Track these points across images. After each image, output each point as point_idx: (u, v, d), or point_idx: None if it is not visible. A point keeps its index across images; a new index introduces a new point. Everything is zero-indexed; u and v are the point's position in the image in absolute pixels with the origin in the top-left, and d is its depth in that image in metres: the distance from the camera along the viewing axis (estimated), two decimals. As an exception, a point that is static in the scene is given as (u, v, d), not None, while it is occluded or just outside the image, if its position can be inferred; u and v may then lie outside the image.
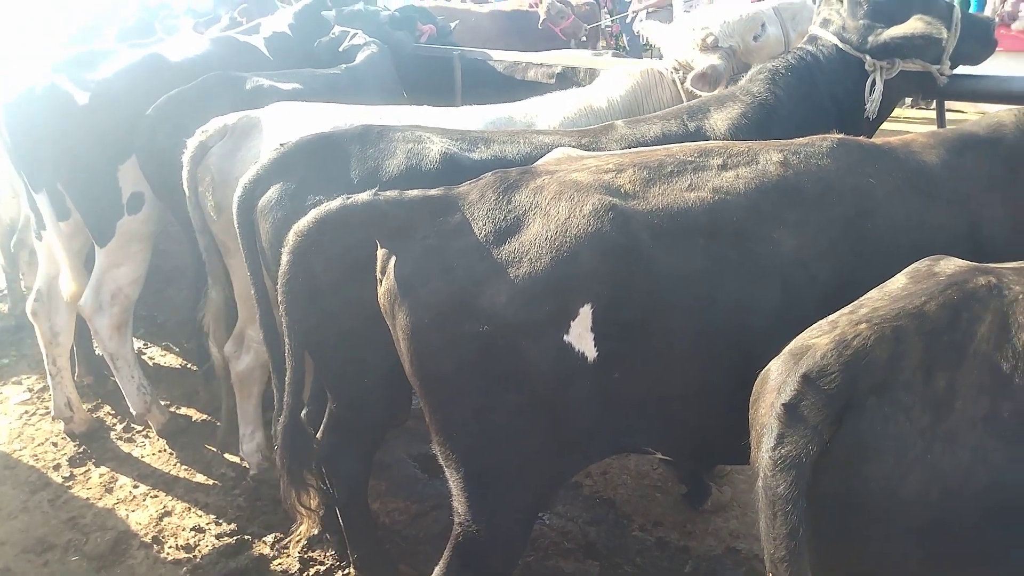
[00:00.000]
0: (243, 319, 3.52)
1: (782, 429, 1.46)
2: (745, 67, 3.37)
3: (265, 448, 3.74)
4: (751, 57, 3.40)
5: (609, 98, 3.42)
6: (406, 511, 3.54)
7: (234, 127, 3.21)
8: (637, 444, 2.26)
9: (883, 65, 3.07)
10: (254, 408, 3.73)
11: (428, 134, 2.76)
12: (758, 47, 3.41)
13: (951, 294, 1.54)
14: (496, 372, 2.01)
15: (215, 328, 3.59)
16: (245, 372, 3.60)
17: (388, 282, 2.08)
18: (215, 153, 3.17)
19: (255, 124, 3.22)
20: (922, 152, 2.33)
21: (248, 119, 3.23)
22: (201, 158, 3.18)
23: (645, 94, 3.45)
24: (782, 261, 2.07)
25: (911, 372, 1.45)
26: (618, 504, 3.51)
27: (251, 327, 3.45)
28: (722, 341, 2.05)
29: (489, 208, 2.10)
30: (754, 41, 3.41)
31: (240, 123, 3.22)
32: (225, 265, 3.39)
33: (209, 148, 3.18)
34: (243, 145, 3.17)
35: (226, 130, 3.20)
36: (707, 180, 2.15)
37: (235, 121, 3.22)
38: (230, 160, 3.15)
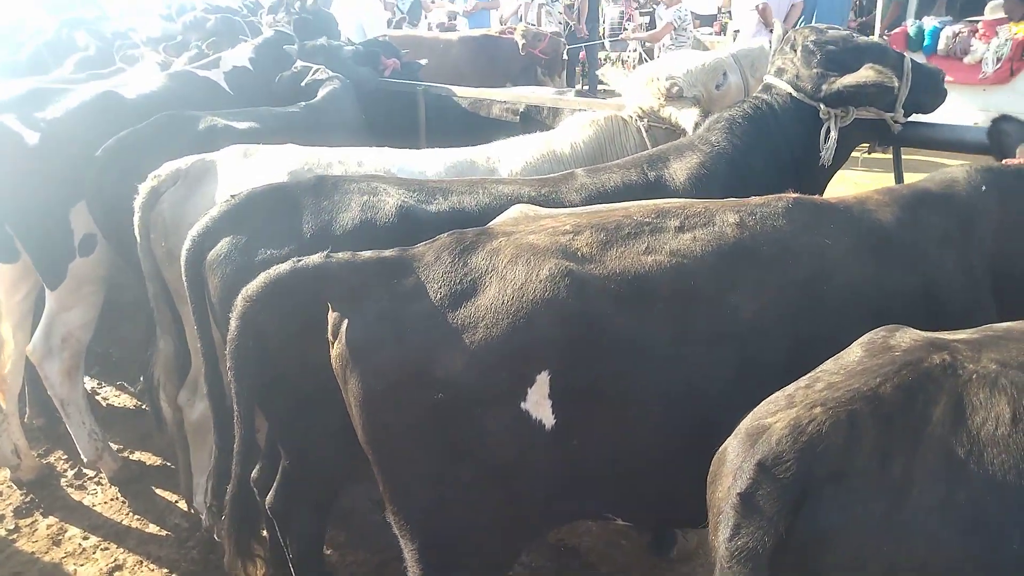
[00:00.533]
0: (197, 366, 3.41)
1: (738, 519, 1.43)
2: (707, 113, 3.39)
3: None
4: (713, 105, 3.43)
5: (572, 143, 3.41)
6: (367, 563, 3.46)
7: (187, 171, 3.12)
8: (597, 511, 2.22)
9: (837, 113, 3.11)
10: (208, 457, 3.61)
11: (384, 185, 2.71)
12: (720, 95, 3.46)
13: (906, 375, 1.52)
14: (451, 441, 1.96)
15: (165, 380, 3.48)
16: (200, 421, 3.49)
17: (340, 346, 2.02)
18: (167, 199, 3.08)
19: (209, 168, 3.14)
20: (877, 210, 2.34)
21: (202, 163, 3.15)
22: (153, 204, 3.09)
23: (609, 140, 3.44)
24: (740, 326, 2.05)
25: (867, 458, 1.43)
26: (583, 552, 3.46)
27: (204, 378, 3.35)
28: (680, 407, 2.02)
29: (445, 271, 2.05)
30: (716, 89, 3.45)
31: (193, 167, 3.13)
32: (176, 313, 3.29)
33: (161, 193, 3.09)
34: (196, 191, 3.09)
35: (179, 175, 3.11)
36: (664, 243, 2.13)
37: (188, 165, 3.13)
38: (183, 206, 3.06)
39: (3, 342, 3.72)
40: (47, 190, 3.58)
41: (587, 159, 3.36)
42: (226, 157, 3.18)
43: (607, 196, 2.82)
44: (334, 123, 4.25)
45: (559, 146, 3.41)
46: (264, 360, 2.25)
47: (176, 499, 3.94)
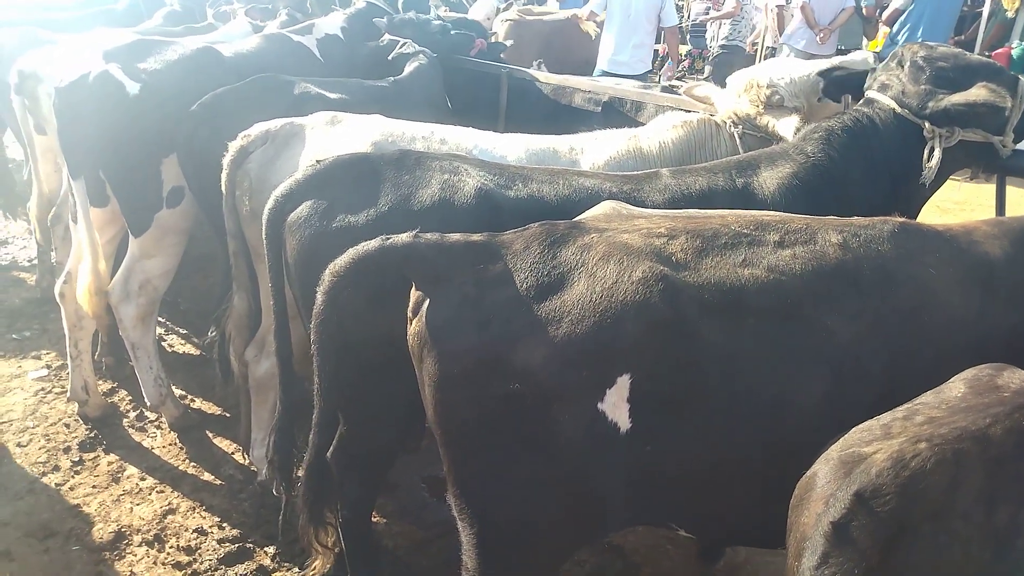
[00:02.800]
0: (267, 324, 3.47)
1: (828, 548, 1.39)
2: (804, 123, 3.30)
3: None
4: (813, 117, 3.34)
5: (661, 143, 3.35)
6: (411, 536, 3.49)
7: (276, 133, 3.17)
8: (660, 519, 2.19)
9: (943, 132, 2.98)
10: (269, 414, 3.68)
11: (465, 166, 2.71)
12: (821, 107, 3.36)
13: (1019, 418, 1.45)
14: (522, 433, 1.95)
15: (235, 335, 3.55)
16: (264, 377, 3.56)
17: (419, 325, 2.03)
18: (255, 159, 3.14)
19: (297, 132, 3.18)
20: (985, 242, 2.24)
21: (291, 126, 3.20)
22: (241, 162, 3.15)
23: (699, 144, 3.37)
24: (834, 351, 1.99)
25: (971, 502, 1.37)
26: (627, 552, 3.43)
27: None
28: (762, 427, 1.97)
29: (533, 261, 2.03)
30: (818, 102, 3.35)
31: (282, 130, 3.18)
32: (253, 271, 3.35)
33: (249, 153, 3.15)
34: (283, 153, 3.14)
35: (268, 136, 3.16)
36: (762, 257, 2.07)
37: (278, 127, 3.18)
38: (269, 167, 3.12)
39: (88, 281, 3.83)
40: (142, 140, 3.67)
41: (674, 161, 3.29)
42: (314, 122, 3.22)
43: (691, 199, 2.76)
44: (419, 100, 4.27)
45: (646, 144, 3.35)
46: (343, 329, 2.27)
47: (232, 450, 4.04)
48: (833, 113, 3.28)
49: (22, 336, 5.11)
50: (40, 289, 5.51)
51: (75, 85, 3.58)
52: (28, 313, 5.36)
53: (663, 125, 3.46)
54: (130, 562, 3.34)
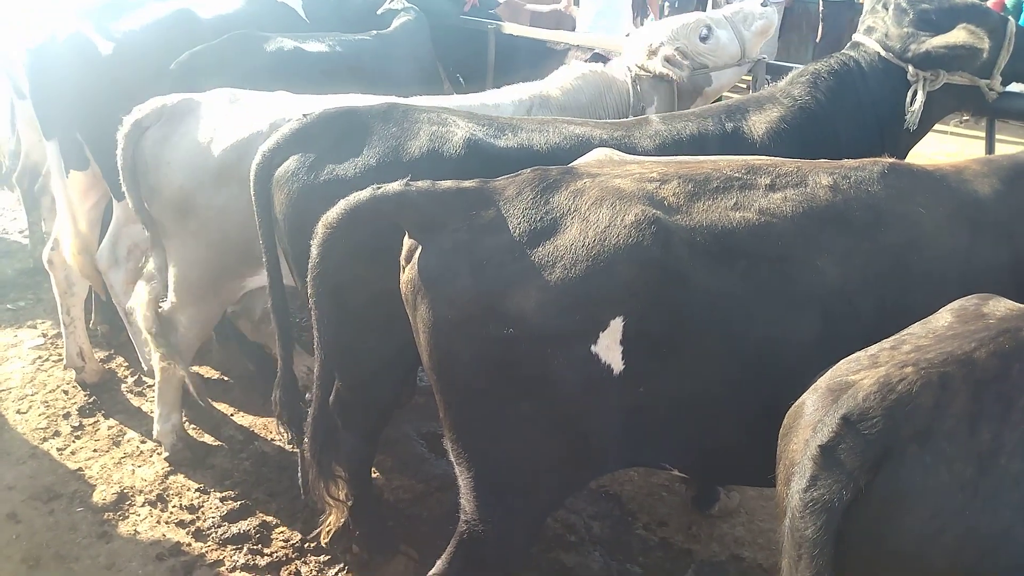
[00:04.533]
0: (175, 304, 3.35)
1: (816, 471, 1.42)
2: (700, 66, 3.57)
3: (180, 430, 3.70)
4: (704, 59, 3.56)
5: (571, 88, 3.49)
6: (410, 490, 3.54)
7: (172, 110, 3.11)
8: (654, 460, 2.22)
9: (927, 76, 2.99)
10: (175, 390, 3.65)
11: (454, 117, 2.70)
12: (709, 48, 3.57)
13: (1003, 342, 1.48)
14: (517, 377, 1.97)
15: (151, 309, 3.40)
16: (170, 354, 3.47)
17: (412, 272, 2.04)
18: (150, 136, 3.09)
19: (193, 109, 3.11)
20: (974, 180, 2.25)
21: (187, 103, 3.13)
22: (137, 138, 3.09)
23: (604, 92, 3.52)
24: (824, 290, 2.01)
25: (955, 422, 1.40)
26: (624, 500, 3.49)
27: (182, 313, 3.33)
28: (753, 366, 2.00)
29: (526, 207, 2.04)
30: (702, 42, 3.54)
31: (179, 107, 3.11)
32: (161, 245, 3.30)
33: (145, 128, 3.09)
34: (178, 130, 3.08)
35: (163, 112, 3.10)
36: (753, 200, 2.09)
37: (174, 104, 3.12)
38: (163, 144, 3.08)
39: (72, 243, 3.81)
40: (117, 101, 3.60)
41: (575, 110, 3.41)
42: (212, 100, 3.15)
43: (682, 144, 2.77)
44: (404, 55, 4.23)
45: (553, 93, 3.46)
46: (338, 284, 2.28)
47: (231, 412, 4.07)
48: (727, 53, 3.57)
49: (16, 306, 5.11)
50: (32, 259, 5.48)
51: (46, 45, 3.53)
52: (21, 283, 5.35)
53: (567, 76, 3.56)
54: (134, 521, 3.38)
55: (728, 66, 3.66)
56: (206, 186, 3.01)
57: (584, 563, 3.14)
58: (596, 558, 3.17)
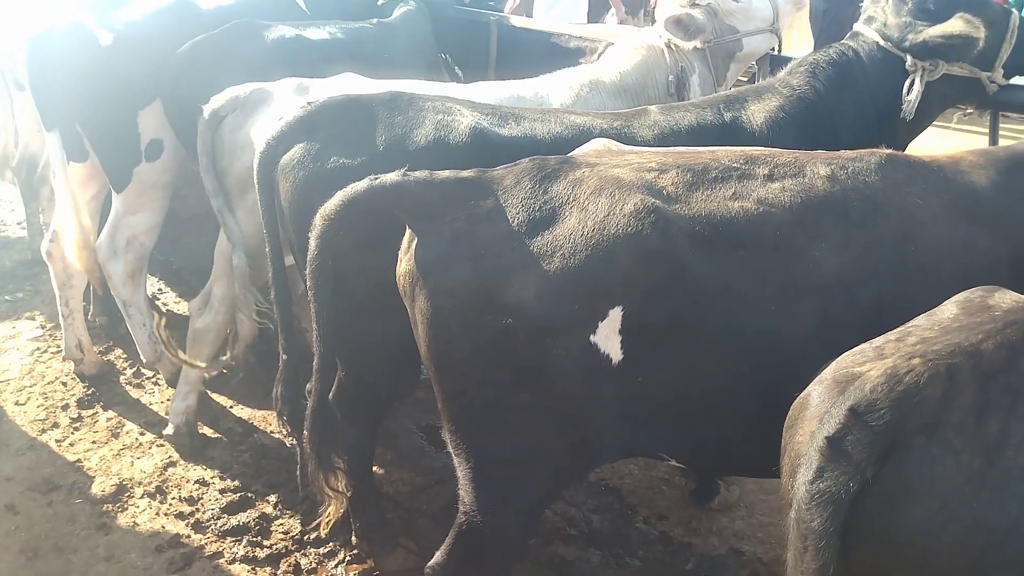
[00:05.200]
0: (215, 274, 3.45)
1: (823, 463, 1.40)
2: (730, 29, 3.46)
3: (192, 415, 3.70)
4: (735, 19, 3.47)
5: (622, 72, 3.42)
6: (410, 483, 3.53)
7: (245, 100, 3.14)
8: (652, 450, 2.21)
9: (925, 66, 2.95)
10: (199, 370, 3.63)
11: (458, 106, 2.67)
12: (740, 8, 3.47)
13: (1010, 334, 1.46)
14: (515, 367, 1.95)
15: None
16: (201, 331, 3.55)
17: (410, 263, 2.02)
18: (227, 124, 3.12)
19: (265, 99, 3.13)
20: (971, 171, 2.23)
21: (260, 92, 3.15)
22: (215, 126, 3.13)
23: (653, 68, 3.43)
24: (822, 281, 2.00)
25: (963, 414, 1.38)
26: (624, 494, 3.48)
27: (219, 284, 3.40)
28: (752, 357, 1.98)
29: (524, 196, 2.02)
30: (735, 2, 3.44)
31: (251, 97, 3.14)
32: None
33: (222, 118, 3.13)
34: (252, 118, 3.11)
35: (237, 102, 3.13)
36: (752, 190, 2.07)
37: (247, 94, 3.14)
38: (239, 132, 3.10)
39: (75, 237, 3.79)
40: (117, 92, 3.61)
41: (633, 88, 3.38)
42: (283, 88, 3.16)
43: (680, 135, 2.75)
44: (406, 44, 4.19)
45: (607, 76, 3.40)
46: (339, 276, 2.26)
47: (230, 404, 4.06)
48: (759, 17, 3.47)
49: (15, 298, 5.09)
50: (30, 251, 5.46)
51: (45, 35, 3.51)
52: (20, 275, 5.34)
53: (617, 56, 3.49)
54: (133, 513, 3.37)
55: (761, 31, 3.57)
56: None
57: (584, 556, 3.13)
58: (596, 552, 3.15)
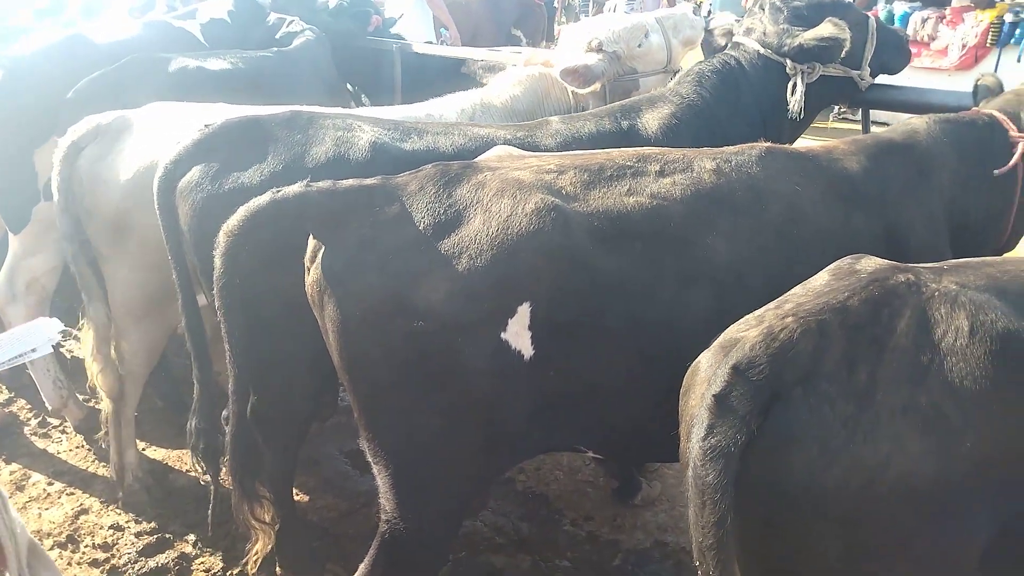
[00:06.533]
0: (117, 331, 3.26)
1: (712, 420, 1.49)
2: (631, 71, 3.62)
3: (136, 468, 3.55)
4: (635, 62, 3.63)
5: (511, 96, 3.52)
6: (335, 508, 3.48)
7: (107, 128, 3.04)
8: (570, 442, 2.27)
9: (803, 69, 3.19)
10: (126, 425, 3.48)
11: (359, 123, 2.72)
12: (642, 52, 3.63)
13: (873, 290, 1.60)
14: (429, 370, 1.98)
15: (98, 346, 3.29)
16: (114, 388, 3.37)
17: (317, 272, 2.04)
18: (86, 155, 3.01)
19: (128, 126, 3.05)
20: (843, 158, 2.43)
21: (121, 120, 3.06)
22: (74, 159, 3.01)
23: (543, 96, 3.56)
24: (715, 266, 2.12)
25: (835, 364, 1.50)
26: (550, 499, 3.53)
27: (125, 339, 3.24)
28: (656, 343, 2.08)
29: (429, 201, 2.07)
30: (638, 48, 3.61)
31: (113, 124, 3.05)
32: (100, 274, 3.19)
33: (81, 149, 3.01)
34: (115, 147, 3.01)
35: (98, 131, 3.03)
36: (645, 185, 2.18)
37: (108, 121, 3.05)
38: (100, 163, 3.00)
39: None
40: (10, 130, 3.50)
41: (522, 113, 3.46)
42: (146, 115, 3.10)
43: (581, 142, 2.87)
44: (306, 73, 4.23)
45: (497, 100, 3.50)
46: (247, 294, 2.25)
47: (143, 446, 3.91)
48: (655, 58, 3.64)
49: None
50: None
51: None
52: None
53: (510, 80, 3.61)
54: (42, 566, 3.20)
55: (656, 72, 3.76)
56: (144, 203, 2.90)
57: (513, 563, 3.15)
58: (525, 557, 3.18)
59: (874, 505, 1.45)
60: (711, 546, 1.50)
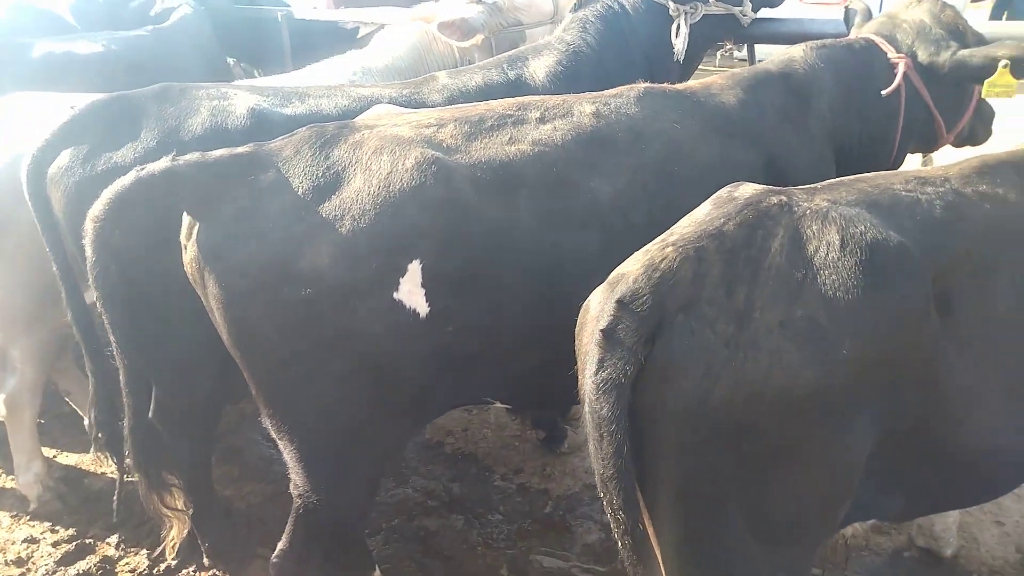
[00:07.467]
0: (4, 337, 3.11)
1: (602, 354, 1.50)
2: (516, 22, 3.58)
3: (45, 477, 3.40)
4: (519, 13, 3.61)
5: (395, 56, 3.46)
6: (261, 493, 3.41)
7: None
8: (477, 396, 2.26)
9: (686, 10, 3.22)
10: (28, 435, 3.35)
11: (236, 91, 2.61)
12: (525, 3, 3.63)
13: (747, 214, 1.62)
14: (323, 337, 1.93)
15: None
16: (13, 397, 3.24)
17: (194, 249, 1.95)
18: None
19: None
20: (721, 94, 2.45)
21: None
22: None
23: (425, 53, 3.50)
24: (601, 208, 2.12)
25: (714, 288, 1.52)
26: (480, 457, 3.54)
27: (14, 346, 3.08)
28: (549, 288, 2.07)
29: (306, 164, 2.00)
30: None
31: None
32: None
33: None
34: None
35: None
36: (526, 133, 2.16)
37: None
38: None
39: None
40: None
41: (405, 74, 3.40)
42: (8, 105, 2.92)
43: (469, 96, 2.83)
44: (185, 49, 4.03)
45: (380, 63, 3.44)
46: (126, 280, 2.14)
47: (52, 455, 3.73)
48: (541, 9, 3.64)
49: None
50: None
51: None
52: None
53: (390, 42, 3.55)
54: (-49, 591, 3.04)
55: (542, 23, 3.74)
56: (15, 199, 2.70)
57: (447, 524, 3.16)
58: (458, 517, 3.19)
59: (760, 418, 1.49)
60: (611, 476, 1.52)
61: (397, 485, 3.39)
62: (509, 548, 3.04)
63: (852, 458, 1.59)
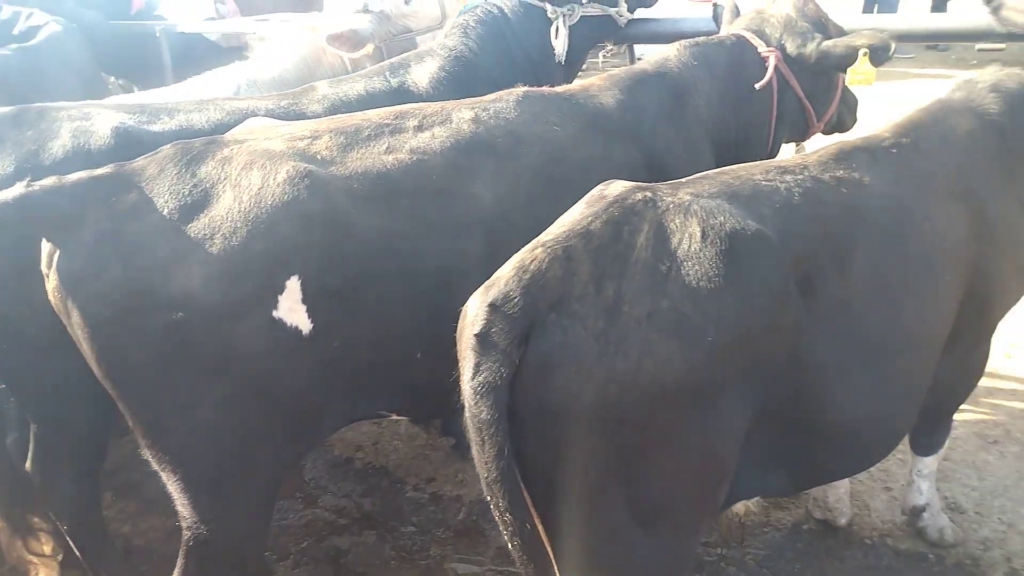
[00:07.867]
0: None
1: (477, 358, 1.50)
2: (405, 29, 3.58)
3: None
4: (408, 20, 3.61)
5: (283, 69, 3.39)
6: (161, 528, 3.26)
7: None
8: (371, 410, 2.23)
9: (563, 11, 3.26)
10: None
11: (99, 110, 2.49)
12: (412, 10, 3.62)
13: (614, 211, 1.66)
14: (199, 362, 1.86)
15: None
16: None
17: (55, 278, 1.85)
18: None
19: None
20: (599, 95, 2.50)
21: None
22: None
23: (315, 64, 3.46)
24: (483, 214, 2.12)
25: (583, 285, 1.54)
26: (391, 470, 3.50)
27: None
28: (433, 298, 2.05)
29: (171, 183, 1.93)
30: (406, 5, 3.60)
31: None
32: None
33: None
34: None
35: None
36: (404, 142, 2.15)
37: None
38: None
39: None
40: None
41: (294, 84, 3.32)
42: None
43: (351, 105, 2.79)
44: (54, 67, 3.83)
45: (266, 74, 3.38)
46: None
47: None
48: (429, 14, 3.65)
49: None
50: None
51: None
52: None
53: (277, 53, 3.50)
54: None
55: (431, 29, 3.70)
56: None
57: (359, 541, 3.10)
58: (371, 533, 3.14)
59: (633, 409, 1.52)
60: (496, 479, 1.53)
61: (306, 506, 3.30)
62: (423, 559, 3.00)
63: (725, 440, 1.64)
